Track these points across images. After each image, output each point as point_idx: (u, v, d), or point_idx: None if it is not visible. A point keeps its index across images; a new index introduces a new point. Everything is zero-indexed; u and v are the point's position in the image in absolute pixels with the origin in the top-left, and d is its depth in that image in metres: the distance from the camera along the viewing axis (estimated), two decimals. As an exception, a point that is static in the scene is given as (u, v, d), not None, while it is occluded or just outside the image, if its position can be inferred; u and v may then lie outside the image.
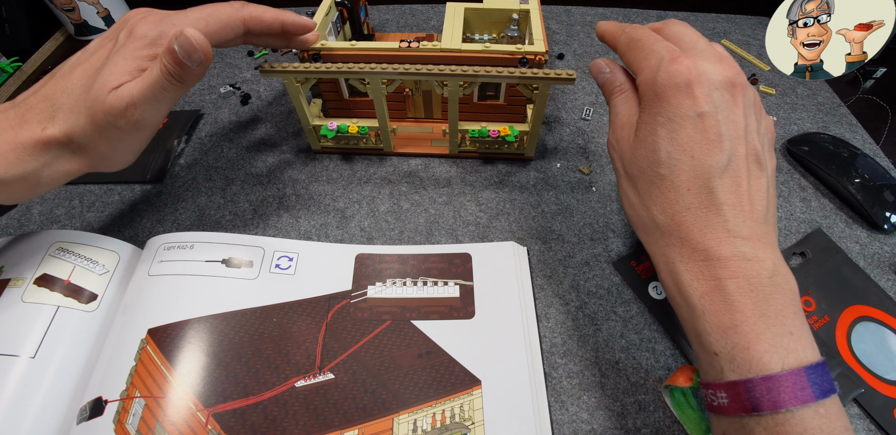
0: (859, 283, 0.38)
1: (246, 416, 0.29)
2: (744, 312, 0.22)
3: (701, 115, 0.24)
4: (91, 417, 0.28)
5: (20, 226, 0.41)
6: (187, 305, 0.33)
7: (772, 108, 0.52)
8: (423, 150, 0.46)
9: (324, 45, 0.38)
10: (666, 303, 0.36)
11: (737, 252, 0.23)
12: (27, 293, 0.31)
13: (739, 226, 0.24)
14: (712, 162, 0.24)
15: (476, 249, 0.38)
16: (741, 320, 0.22)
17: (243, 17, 0.32)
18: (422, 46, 0.37)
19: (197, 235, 0.36)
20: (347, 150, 0.46)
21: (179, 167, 0.45)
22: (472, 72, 0.36)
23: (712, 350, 0.23)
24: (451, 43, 0.38)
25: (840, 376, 0.33)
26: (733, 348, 0.22)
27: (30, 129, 0.27)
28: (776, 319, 0.22)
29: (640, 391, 0.32)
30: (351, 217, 0.41)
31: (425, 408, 0.30)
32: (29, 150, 0.27)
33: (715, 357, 0.23)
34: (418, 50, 0.37)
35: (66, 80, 0.28)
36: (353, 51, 0.38)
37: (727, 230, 0.24)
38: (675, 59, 0.25)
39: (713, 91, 0.25)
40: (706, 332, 0.23)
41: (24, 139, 0.27)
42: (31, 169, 0.28)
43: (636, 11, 0.65)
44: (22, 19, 0.59)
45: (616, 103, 0.30)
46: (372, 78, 0.37)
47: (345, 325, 0.34)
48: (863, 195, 0.41)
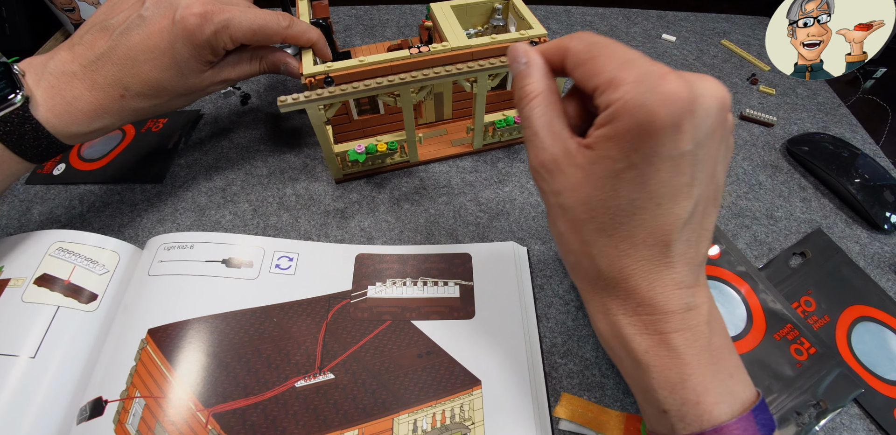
0: (859, 283, 0.38)
1: (246, 416, 0.29)
2: (691, 365, 0.21)
3: (681, 156, 0.19)
4: (91, 417, 0.28)
5: (20, 226, 0.41)
6: (187, 305, 0.33)
7: (772, 108, 0.52)
8: (446, 152, 0.46)
9: (330, 66, 0.35)
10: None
11: (682, 304, 0.21)
12: (27, 293, 0.31)
13: (687, 276, 0.22)
14: (679, 212, 0.20)
15: (476, 249, 0.38)
16: (689, 374, 0.21)
17: (283, 36, 0.35)
18: (432, 49, 0.37)
19: (197, 235, 0.36)
20: (373, 172, 0.44)
21: (179, 167, 0.45)
22: (499, 63, 0.37)
23: (661, 408, 0.22)
24: (459, 41, 0.38)
25: (840, 376, 0.33)
26: (683, 405, 0.21)
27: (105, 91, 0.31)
28: (719, 365, 0.21)
29: (640, 391, 0.32)
30: (351, 217, 0.41)
31: (425, 408, 0.30)
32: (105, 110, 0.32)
33: (664, 414, 0.22)
34: (430, 53, 0.37)
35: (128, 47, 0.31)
36: (364, 67, 0.36)
37: (676, 283, 0.21)
38: (665, 75, 0.19)
39: (704, 122, 0.19)
40: (653, 389, 0.22)
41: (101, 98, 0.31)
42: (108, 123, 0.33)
43: (636, 11, 0.65)
44: (22, 19, 0.59)
45: (534, 113, 0.23)
46: (402, 89, 0.37)
47: (345, 325, 0.34)
48: (863, 195, 0.41)
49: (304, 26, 0.36)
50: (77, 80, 0.31)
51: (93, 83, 0.31)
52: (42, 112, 0.30)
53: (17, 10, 0.58)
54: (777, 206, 0.43)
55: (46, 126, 0.30)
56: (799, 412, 0.32)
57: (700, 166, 0.20)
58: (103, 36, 0.31)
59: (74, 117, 0.31)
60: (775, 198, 0.44)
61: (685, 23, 0.64)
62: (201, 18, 0.31)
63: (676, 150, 0.19)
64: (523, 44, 0.24)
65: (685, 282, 0.22)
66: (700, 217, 0.21)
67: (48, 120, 0.30)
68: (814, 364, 0.34)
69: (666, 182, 0.20)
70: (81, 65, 0.31)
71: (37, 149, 0.30)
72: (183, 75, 0.33)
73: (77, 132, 0.31)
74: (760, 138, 0.49)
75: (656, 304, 0.21)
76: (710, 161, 0.20)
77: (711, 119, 0.19)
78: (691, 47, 0.60)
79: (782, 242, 0.41)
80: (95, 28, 0.32)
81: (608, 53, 0.21)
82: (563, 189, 0.22)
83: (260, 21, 0.33)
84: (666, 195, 0.20)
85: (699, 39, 0.61)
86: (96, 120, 0.32)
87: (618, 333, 0.23)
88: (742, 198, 0.44)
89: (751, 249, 0.40)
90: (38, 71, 0.31)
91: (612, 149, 0.20)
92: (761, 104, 0.53)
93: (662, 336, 0.21)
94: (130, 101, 0.32)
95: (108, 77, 0.31)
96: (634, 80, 0.19)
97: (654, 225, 0.21)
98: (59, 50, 0.32)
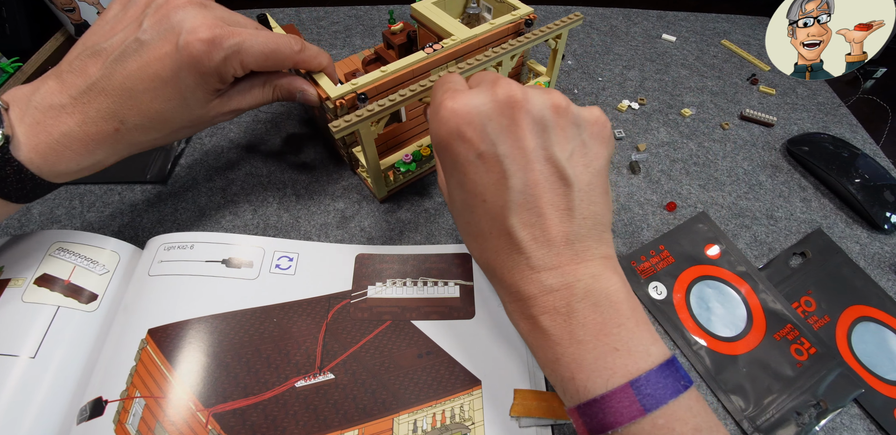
0: (859, 283, 0.38)
1: (246, 416, 0.29)
2: (561, 344, 0.22)
3: (480, 156, 0.23)
4: (91, 417, 0.28)
5: (20, 226, 0.41)
6: (187, 306, 0.33)
7: (772, 108, 0.52)
8: None
9: (356, 84, 0.34)
10: (666, 302, 0.36)
11: (542, 287, 0.23)
12: (27, 293, 0.31)
13: (542, 259, 0.23)
14: (502, 201, 0.23)
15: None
16: (560, 353, 0.22)
17: (295, 61, 0.32)
18: (444, 46, 0.38)
19: (197, 235, 0.36)
20: (412, 181, 0.44)
21: (179, 167, 0.45)
22: (518, 43, 0.38)
23: (552, 383, 0.24)
24: (464, 32, 0.38)
25: (840, 376, 0.33)
26: (561, 381, 0.23)
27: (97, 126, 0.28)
28: (595, 341, 0.22)
29: (640, 391, 0.32)
30: (351, 217, 0.41)
31: (425, 408, 0.30)
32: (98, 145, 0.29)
33: (556, 389, 0.24)
34: (444, 50, 0.37)
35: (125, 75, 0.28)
36: (389, 76, 0.35)
37: (531, 268, 0.23)
38: (441, 102, 0.24)
39: (486, 125, 0.23)
40: (541, 367, 0.24)
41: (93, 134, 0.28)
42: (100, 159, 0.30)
43: (636, 11, 0.65)
44: (22, 19, 0.59)
45: None
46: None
47: (345, 325, 0.34)
48: (863, 195, 0.41)
49: (315, 50, 0.33)
50: (66, 115, 0.27)
51: (84, 117, 0.28)
52: (25, 152, 0.27)
53: (18, 10, 0.58)
54: (777, 206, 0.43)
55: (31, 167, 0.27)
56: (799, 412, 0.32)
57: (507, 160, 0.23)
58: (96, 62, 0.28)
59: (62, 156, 0.28)
60: (775, 198, 0.44)
61: (685, 23, 0.64)
62: (209, 45, 0.27)
63: (473, 153, 0.24)
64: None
65: (541, 265, 0.23)
66: (542, 199, 0.23)
67: (32, 160, 0.27)
68: (814, 364, 0.34)
69: (479, 181, 0.24)
70: (71, 96, 0.27)
71: (21, 191, 0.28)
72: (188, 106, 0.30)
73: (65, 171, 0.28)
74: (760, 138, 0.49)
75: (519, 290, 0.24)
76: (520, 150, 0.23)
77: (495, 121, 0.23)
78: (691, 47, 0.60)
79: (782, 242, 0.41)
80: (86, 52, 0.28)
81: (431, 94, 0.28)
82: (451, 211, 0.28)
83: (272, 45, 0.30)
84: (485, 191, 0.24)
85: (699, 39, 0.61)
86: (87, 157, 0.29)
87: (511, 319, 0.26)
88: (742, 198, 0.44)
89: (751, 249, 0.40)
90: (23, 104, 0.27)
91: (441, 168, 0.27)
92: (761, 104, 0.53)
93: (533, 320, 0.23)
94: (127, 134, 0.29)
95: (101, 110, 0.28)
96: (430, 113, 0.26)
97: (490, 217, 0.24)
98: (47, 78, 0.28)
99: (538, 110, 0.23)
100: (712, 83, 0.55)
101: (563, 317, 0.23)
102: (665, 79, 0.55)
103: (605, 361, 0.21)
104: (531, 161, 0.23)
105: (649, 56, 0.58)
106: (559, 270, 0.23)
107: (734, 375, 0.33)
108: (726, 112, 0.52)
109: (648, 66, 0.57)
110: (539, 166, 0.23)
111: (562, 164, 0.23)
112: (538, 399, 0.30)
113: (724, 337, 0.35)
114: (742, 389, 0.33)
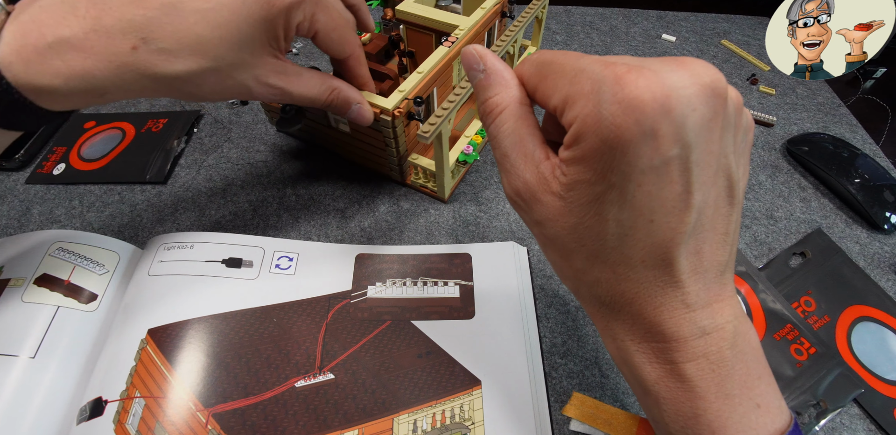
0: (859, 283, 0.38)
1: (246, 416, 0.29)
2: (706, 398, 0.19)
3: (667, 163, 0.16)
4: (91, 417, 0.28)
5: (20, 226, 0.41)
6: (187, 306, 0.33)
7: (772, 108, 0.52)
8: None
9: (403, 90, 0.34)
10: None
11: (696, 329, 0.19)
12: (27, 293, 0.31)
13: (700, 294, 0.19)
14: (676, 225, 0.17)
15: (476, 249, 0.38)
16: (704, 408, 0.19)
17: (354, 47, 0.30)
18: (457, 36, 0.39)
19: (197, 235, 0.36)
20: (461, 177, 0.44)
21: (179, 167, 0.45)
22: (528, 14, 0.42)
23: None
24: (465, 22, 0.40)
25: (840, 376, 0.33)
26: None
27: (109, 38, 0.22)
28: (742, 396, 0.19)
29: (640, 391, 0.32)
30: (351, 217, 0.41)
31: (425, 408, 0.30)
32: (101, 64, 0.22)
33: None
34: (459, 41, 0.39)
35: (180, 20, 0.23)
36: (427, 76, 0.36)
37: (686, 305, 0.19)
38: (621, 76, 0.16)
39: (687, 118, 0.16)
40: (664, 422, 0.20)
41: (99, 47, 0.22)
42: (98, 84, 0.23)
43: (636, 11, 0.65)
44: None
45: (501, 131, 0.20)
46: None
47: (345, 325, 0.34)
48: (863, 195, 0.41)
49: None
50: (74, 16, 0.21)
51: (96, 22, 0.22)
52: (3, 50, 0.21)
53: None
54: (777, 206, 0.43)
55: (6, 73, 0.21)
56: (799, 412, 0.32)
57: (697, 169, 0.17)
58: None
59: (50, 66, 0.21)
60: (775, 198, 0.44)
61: (685, 23, 0.64)
62: None
63: (658, 158, 0.16)
64: (475, 46, 0.21)
65: (699, 302, 0.19)
66: (711, 222, 0.18)
67: (10, 63, 0.21)
68: (814, 364, 0.34)
69: (655, 195, 0.17)
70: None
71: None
72: (236, 45, 0.24)
73: (48, 88, 0.22)
74: (760, 138, 0.49)
75: (665, 331, 0.19)
76: (710, 159, 0.17)
77: (698, 113, 0.16)
78: (691, 47, 0.60)
79: (782, 242, 0.41)
80: None
81: (557, 70, 0.18)
82: (544, 219, 0.19)
83: (347, 15, 0.28)
84: (658, 209, 0.17)
85: (699, 39, 0.61)
86: (81, 76, 0.22)
87: (626, 360, 0.20)
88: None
89: (751, 248, 0.40)
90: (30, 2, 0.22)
91: (585, 172, 0.17)
92: (761, 104, 0.53)
93: (673, 366, 0.19)
94: (144, 58, 0.22)
95: (122, 19, 0.22)
96: (589, 91, 0.16)
97: (651, 243, 0.18)
98: None
99: (730, 104, 0.17)
100: (712, 83, 0.55)
101: (712, 365, 0.19)
102: (665, 79, 0.55)
103: (749, 420, 0.19)
104: (717, 171, 0.18)
105: (649, 56, 0.58)
106: (711, 308, 0.19)
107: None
108: (726, 112, 0.52)
109: (648, 66, 0.57)
110: (720, 180, 0.18)
111: (735, 177, 0.18)
112: (596, 409, 0.30)
113: (723, 337, 0.35)
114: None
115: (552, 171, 0.19)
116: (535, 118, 0.20)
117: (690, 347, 0.19)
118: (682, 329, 0.19)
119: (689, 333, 0.19)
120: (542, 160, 0.19)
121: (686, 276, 0.18)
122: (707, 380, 0.19)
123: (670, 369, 0.19)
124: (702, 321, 0.19)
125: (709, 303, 0.19)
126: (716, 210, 0.18)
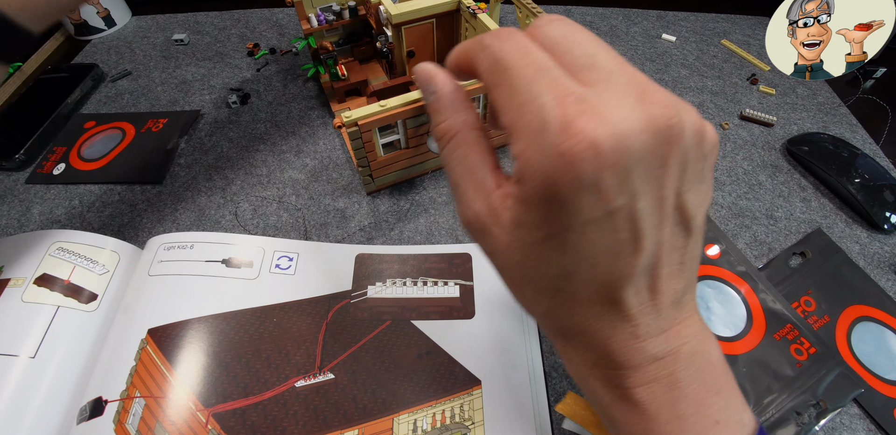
0: (859, 283, 0.38)
1: (246, 416, 0.29)
2: (658, 420, 0.19)
3: (612, 214, 0.16)
4: (91, 417, 0.28)
5: (20, 226, 0.41)
6: (187, 305, 0.33)
7: (772, 108, 0.52)
8: None
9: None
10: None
11: (647, 357, 0.19)
12: (27, 293, 0.31)
13: (651, 325, 0.18)
14: (626, 268, 0.17)
15: (476, 249, 0.38)
16: (656, 431, 0.19)
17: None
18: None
19: (197, 235, 0.36)
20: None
21: (179, 167, 0.45)
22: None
23: None
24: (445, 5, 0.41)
25: (840, 376, 0.33)
26: None
27: None
28: (697, 415, 0.19)
29: (640, 391, 0.32)
30: (351, 217, 0.41)
31: (425, 408, 0.30)
32: None
33: None
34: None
35: None
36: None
37: (636, 337, 0.18)
38: (570, 124, 0.15)
39: (634, 169, 0.15)
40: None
41: None
42: None
43: (636, 11, 0.65)
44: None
45: (451, 159, 0.19)
46: None
47: (345, 325, 0.34)
48: (863, 195, 0.41)
49: None
50: None
51: None
52: None
53: (17, 10, 0.58)
54: (777, 207, 0.43)
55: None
56: (799, 412, 0.32)
57: (644, 215, 0.16)
58: None
59: None
60: (775, 198, 0.44)
61: (685, 23, 0.64)
62: None
63: (601, 210, 0.15)
64: (426, 64, 0.20)
65: (651, 332, 0.18)
66: (666, 258, 0.18)
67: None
68: (814, 364, 0.34)
69: (598, 243, 0.16)
70: None
71: None
72: None
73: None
74: (760, 138, 0.49)
75: (615, 359, 0.19)
76: (659, 203, 0.16)
77: (646, 162, 0.15)
78: (691, 47, 0.60)
79: (782, 242, 0.41)
80: None
81: (510, 82, 0.16)
82: (493, 251, 0.19)
83: None
84: (602, 255, 0.17)
85: (699, 39, 0.61)
86: None
87: (583, 383, 0.21)
88: (742, 198, 0.44)
89: (751, 248, 0.40)
90: None
91: (528, 214, 0.17)
92: (761, 104, 0.53)
93: (624, 391, 0.19)
94: None
95: None
96: (534, 132, 0.15)
97: (596, 284, 0.17)
98: None
99: (687, 140, 0.16)
100: (712, 83, 0.55)
101: (664, 388, 0.19)
102: (665, 79, 0.55)
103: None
104: (666, 216, 0.17)
105: (649, 56, 0.58)
106: (665, 334, 0.19)
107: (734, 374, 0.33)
108: (726, 112, 0.52)
109: (648, 65, 0.57)
110: (670, 221, 0.17)
111: (691, 212, 0.18)
112: (587, 410, 0.30)
113: (723, 337, 0.35)
114: (742, 388, 0.32)
115: (502, 201, 0.18)
116: (488, 143, 0.19)
117: (641, 372, 0.19)
118: (633, 358, 0.19)
119: (639, 361, 0.19)
120: (492, 190, 0.18)
121: (636, 310, 0.18)
122: (658, 403, 0.19)
123: (621, 394, 0.19)
124: (653, 349, 0.19)
125: (663, 330, 0.19)
126: (670, 246, 0.18)
